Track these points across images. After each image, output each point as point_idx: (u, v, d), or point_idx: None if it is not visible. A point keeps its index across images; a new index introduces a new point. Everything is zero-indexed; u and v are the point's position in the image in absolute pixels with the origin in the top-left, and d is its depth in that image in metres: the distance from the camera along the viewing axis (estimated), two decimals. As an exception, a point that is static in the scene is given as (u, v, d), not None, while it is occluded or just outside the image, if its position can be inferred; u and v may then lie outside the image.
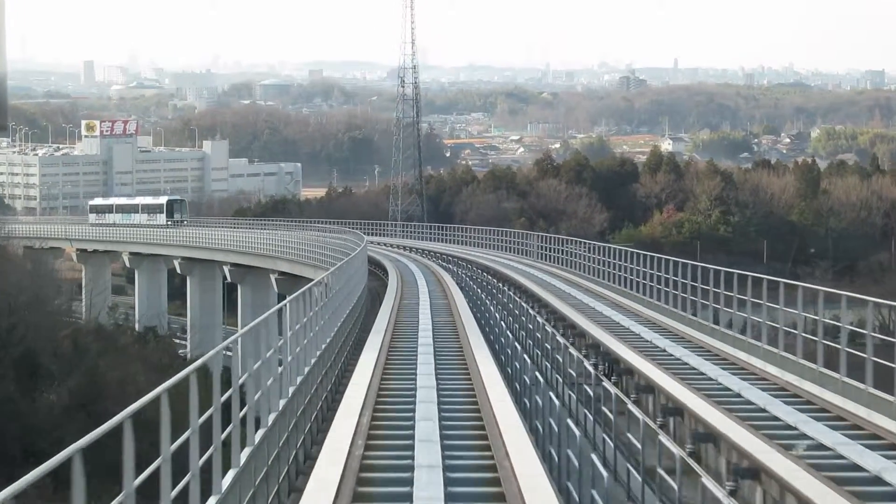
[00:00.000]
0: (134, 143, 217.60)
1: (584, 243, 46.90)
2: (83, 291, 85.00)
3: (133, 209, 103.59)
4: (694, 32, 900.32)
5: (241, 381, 11.71)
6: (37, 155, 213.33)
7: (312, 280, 23.61)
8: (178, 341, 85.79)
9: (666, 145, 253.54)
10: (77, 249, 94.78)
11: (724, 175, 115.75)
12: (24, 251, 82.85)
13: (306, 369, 16.72)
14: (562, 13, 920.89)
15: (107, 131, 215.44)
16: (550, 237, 56.53)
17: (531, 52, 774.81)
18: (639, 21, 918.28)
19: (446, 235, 73.57)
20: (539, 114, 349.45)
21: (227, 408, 11.02)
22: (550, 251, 52.54)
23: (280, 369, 14.28)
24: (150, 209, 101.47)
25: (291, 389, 15.05)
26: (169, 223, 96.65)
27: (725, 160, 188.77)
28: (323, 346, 19.33)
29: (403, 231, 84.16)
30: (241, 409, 11.50)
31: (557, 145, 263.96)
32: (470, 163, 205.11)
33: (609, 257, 39.04)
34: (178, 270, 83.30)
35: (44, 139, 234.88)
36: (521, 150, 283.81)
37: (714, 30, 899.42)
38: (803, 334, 19.79)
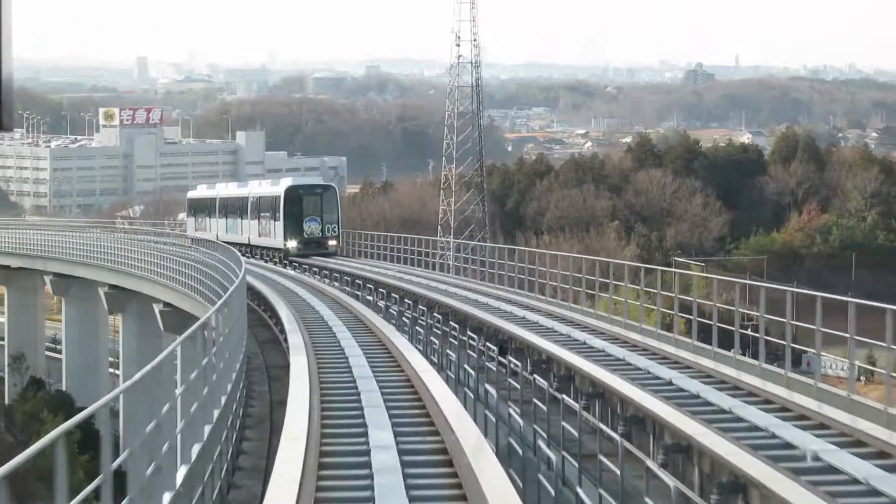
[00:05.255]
0: (159, 134, 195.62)
1: None
2: (5, 325, 60.45)
3: (241, 209, 54.09)
4: (754, 30, 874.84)
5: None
6: (48, 147, 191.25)
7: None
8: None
9: (745, 140, 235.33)
10: None
11: (883, 165, 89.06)
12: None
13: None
14: (618, 12, 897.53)
15: (127, 120, 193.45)
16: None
17: (588, 50, 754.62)
18: (699, 19, 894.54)
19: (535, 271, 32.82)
20: (604, 108, 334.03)
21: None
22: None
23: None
24: (264, 209, 51.16)
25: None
26: (294, 248, 47.43)
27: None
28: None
29: (457, 252, 46.20)
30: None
31: (628, 139, 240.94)
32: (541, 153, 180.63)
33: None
34: (106, 306, 53.45)
35: (63, 130, 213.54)
36: (589, 143, 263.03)
37: (774, 28, 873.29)
38: None
